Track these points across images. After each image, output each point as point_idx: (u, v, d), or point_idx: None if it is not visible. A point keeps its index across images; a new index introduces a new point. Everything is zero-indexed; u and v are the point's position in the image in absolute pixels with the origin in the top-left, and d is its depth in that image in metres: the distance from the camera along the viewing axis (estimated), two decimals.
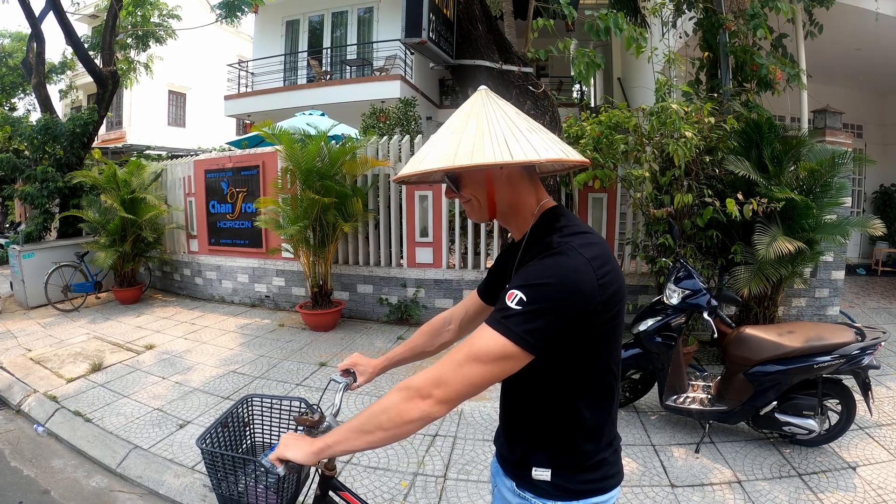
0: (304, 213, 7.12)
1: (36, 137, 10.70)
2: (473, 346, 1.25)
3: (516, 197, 1.50)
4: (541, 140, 1.35)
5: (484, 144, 1.31)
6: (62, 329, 7.92)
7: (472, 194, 1.50)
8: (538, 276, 1.26)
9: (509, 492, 1.56)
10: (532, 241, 1.47)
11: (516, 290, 1.24)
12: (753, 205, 4.81)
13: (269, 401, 2.16)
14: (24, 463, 4.32)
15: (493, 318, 1.26)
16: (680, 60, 6.34)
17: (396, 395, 1.28)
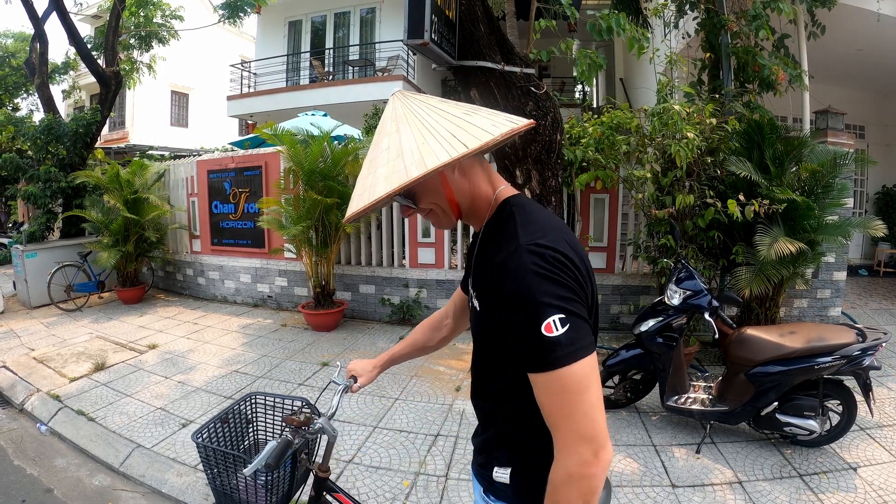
0: (306, 214, 7.14)
1: (39, 137, 10.73)
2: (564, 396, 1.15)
3: (473, 188, 1.42)
4: (485, 119, 1.28)
5: (431, 146, 1.22)
6: (65, 328, 7.94)
7: (433, 203, 1.40)
8: (532, 293, 1.16)
9: (478, 495, 1.55)
10: (488, 236, 1.40)
11: (551, 319, 1.14)
12: (755, 206, 4.82)
13: (272, 399, 2.18)
14: (27, 462, 4.34)
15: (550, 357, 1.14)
16: (682, 61, 6.34)
17: (574, 488, 1.16)
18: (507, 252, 1.23)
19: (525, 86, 4.72)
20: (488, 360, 1.44)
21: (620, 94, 14.56)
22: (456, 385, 5.50)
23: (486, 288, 1.35)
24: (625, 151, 5.63)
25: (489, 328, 1.38)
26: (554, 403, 1.17)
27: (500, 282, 1.23)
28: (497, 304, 1.26)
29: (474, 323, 1.49)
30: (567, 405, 1.15)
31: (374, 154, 1.32)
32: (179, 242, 10.54)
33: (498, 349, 1.36)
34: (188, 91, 27.16)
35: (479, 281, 1.42)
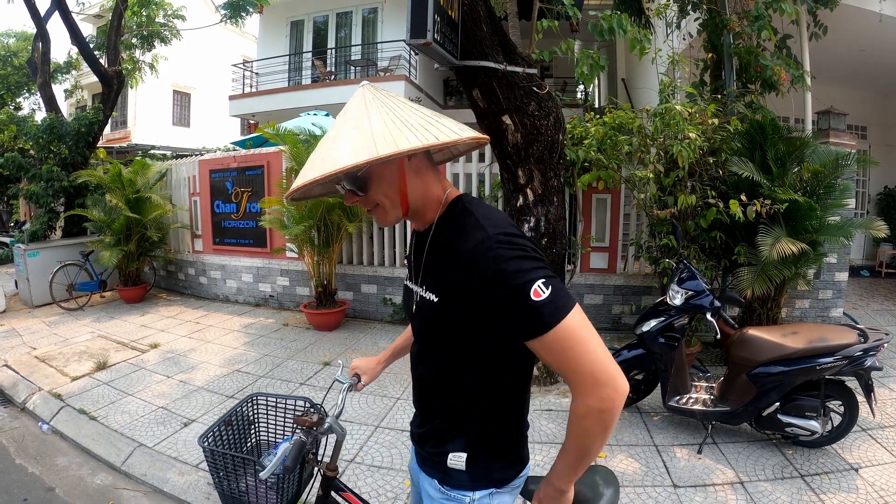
0: (308, 213, 7.15)
1: (41, 137, 10.75)
2: (571, 344, 1.26)
3: (426, 188, 1.47)
4: (451, 123, 1.37)
5: (402, 132, 1.27)
6: (67, 328, 7.96)
7: (383, 195, 1.43)
8: (519, 262, 1.27)
9: (434, 489, 1.59)
10: (443, 233, 1.46)
11: (535, 285, 1.24)
12: (757, 206, 4.81)
13: (273, 400, 2.18)
14: (28, 460, 4.35)
15: (546, 320, 1.24)
16: (684, 62, 6.34)
17: (587, 423, 1.29)
18: (477, 242, 1.30)
19: (527, 86, 4.72)
20: (457, 357, 1.46)
21: (622, 94, 14.55)
22: None
23: (451, 282, 1.38)
24: (627, 152, 5.62)
25: (457, 323, 1.40)
26: (563, 359, 1.27)
27: (475, 271, 1.29)
28: (471, 293, 1.31)
29: (429, 318, 1.49)
30: (574, 357, 1.26)
31: (338, 130, 1.34)
32: (181, 242, 10.55)
33: (471, 344, 1.42)
34: (190, 91, 27.19)
35: (437, 276, 1.45)
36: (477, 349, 1.42)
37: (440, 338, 1.49)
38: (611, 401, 1.25)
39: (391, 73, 14.60)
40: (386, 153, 1.21)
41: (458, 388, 1.50)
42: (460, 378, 1.48)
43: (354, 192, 1.42)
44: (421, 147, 1.24)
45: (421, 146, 1.24)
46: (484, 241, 1.29)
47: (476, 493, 1.52)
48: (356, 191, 1.41)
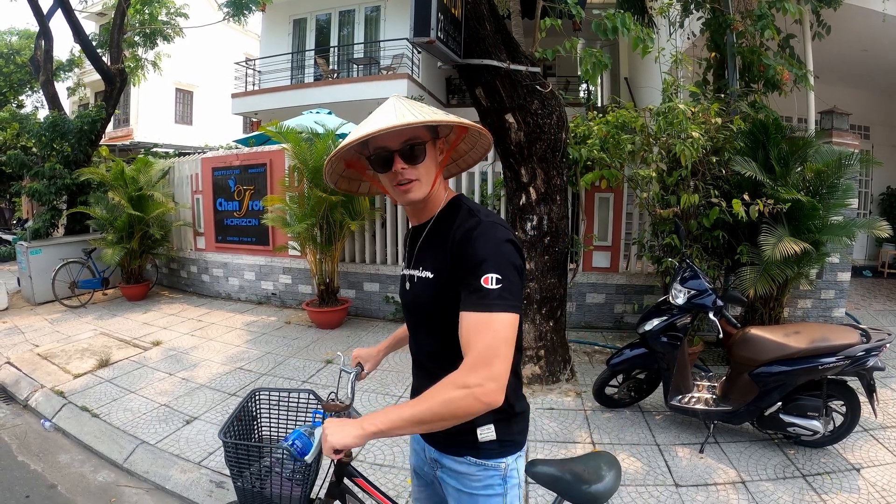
0: (311, 211, 7.16)
1: (44, 134, 10.77)
2: (499, 331, 1.37)
3: (438, 184, 1.65)
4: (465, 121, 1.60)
5: (450, 117, 1.49)
6: (69, 325, 7.97)
7: (426, 171, 1.59)
8: (490, 250, 1.43)
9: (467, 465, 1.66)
10: (441, 224, 1.64)
11: (490, 275, 1.39)
12: (760, 206, 4.80)
13: (276, 394, 2.19)
14: (31, 457, 4.36)
15: (485, 302, 1.38)
16: (687, 61, 6.33)
17: (456, 393, 1.34)
18: (472, 224, 1.50)
19: (530, 84, 4.72)
20: (451, 327, 1.53)
21: (625, 93, 14.54)
22: None
23: (443, 259, 1.55)
24: (630, 151, 5.61)
25: (450, 294, 1.52)
26: (475, 338, 1.38)
27: (464, 240, 1.48)
28: (455, 258, 1.49)
29: (425, 294, 1.63)
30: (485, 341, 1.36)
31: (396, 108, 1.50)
32: (184, 240, 10.56)
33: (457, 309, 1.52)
34: (193, 89, 27.21)
35: (432, 257, 1.62)
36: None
37: (438, 312, 1.58)
38: (487, 395, 1.33)
39: (394, 71, 14.60)
40: (469, 123, 1.55)
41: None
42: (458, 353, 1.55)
43: (415, 157, 1.55)
44: (470, 125, 1.58)
45: (471, 124, 1.57)
46: (480, 223, 1.49)
47: (508, 457, 1.65)
48: (417, 156, 1.55)
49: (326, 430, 1.50)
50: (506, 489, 1.66)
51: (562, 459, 1.91)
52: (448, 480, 1.72)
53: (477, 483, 1.65)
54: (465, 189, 7.64)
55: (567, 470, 1.83)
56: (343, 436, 1.45)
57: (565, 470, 1.83)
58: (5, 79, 20.21)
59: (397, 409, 1.41)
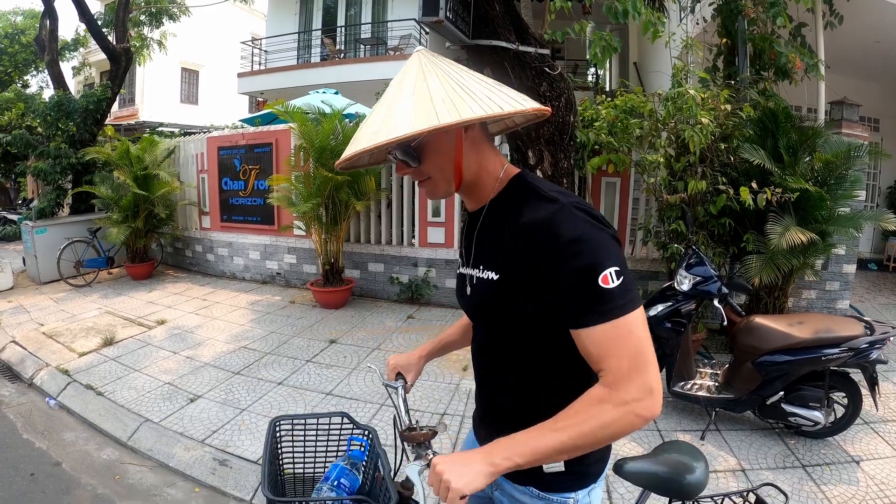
0: (316, 191, 7.16)
1: (49, 114, 10.75)
2: (639, 334, 1.17)
3: (482, 162, 1.38)
4: (514, 92, 1.26)
5: (464, 99, 1.17)
6: (74, 304, 8.00)
7: (436, 167, 1.33)
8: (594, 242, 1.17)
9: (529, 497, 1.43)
10: (501, 210, 1.37)
11: (608, 271, 1.15)
12: (767, 194, 4.77)
13: (301, 421, 1.78)
14: (35, 435, 4.39)
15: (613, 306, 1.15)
16: (698, 46, 6.26)
17: (614, 413, 1.13)
18: (553, 211, 1.22)
19: (539, 66, 4.68)
20: (530, 340, 1.35)
21: (634, 78, 14.42)
22: (463, 365, 5.51)
23: (513, 256, 1.28)
24: (638, 136, 5.58)
25: (522, 301, 1.28)
26: (615, 348, 1.16)
27: (547, 240, 1.19)
28: (538, 264, 1.22)
29: (490, 300, 1.36)
30: (644, 348, 1.17)
31: (392, 97, 1.25)
32: (189, 219, 10.58)
33: (542, 324, 1.30)
34: (198, 68, 27.13)
35: (496, 253, 1.35)
36: (548, 329, 1.29)
37: (507, 320, 1.35)
38: (647, 409, 1.14)
39: (401, 52, 14.53)
40: (447, 122, 1.12)
41: (540, 379, 1.39)
42: (538, 367, 1.37)
43: (407, 162, 1.33)
44: (484, 117, 1.15)
45: (484, 115, 1.14)
46: (562, 209, 1.21)
47: (579, 492, 1.42)
48: (409, 162, 1.33)
49: (443, 471, 1.17)
50: None
51: (648, 454, 1.82)
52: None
53: None
54: None
55: (661, 463, 1.74)
56: (471, 477, 1.15)
57: (659, 463, 1.73)
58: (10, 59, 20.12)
59: (535, 436, 1.18)
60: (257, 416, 4.48)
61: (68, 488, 3.69)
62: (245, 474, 3.74)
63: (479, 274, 1.40)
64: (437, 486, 1.18)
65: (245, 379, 5.21)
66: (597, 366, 1.20)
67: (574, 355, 1.29)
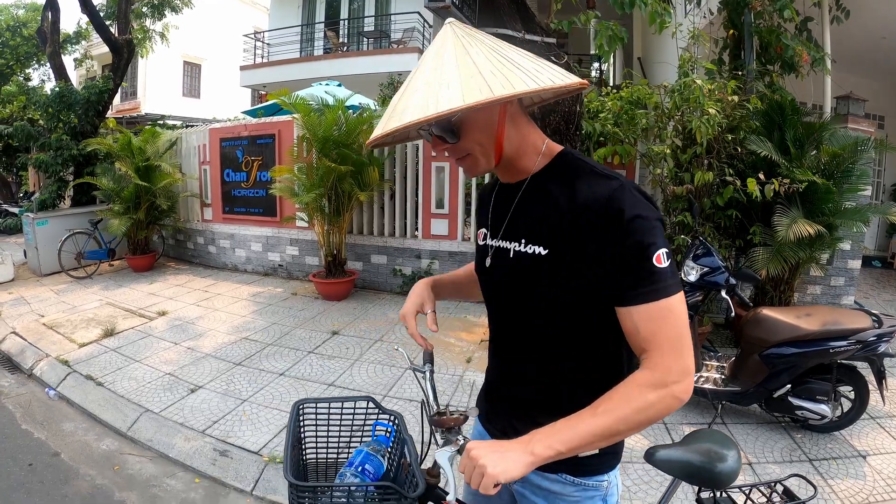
0: (319, 182, 7.13)
1: (51, 106, 10.74)
2: (681, 316, 1.17)
3: (523, 135, 1.32)
4: (552, 66, 1.21)
5: (512, 72, 1.12)
6: (75, 295, 7.98)
7: (476, 143, 1.26)
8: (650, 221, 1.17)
9: (562, 484, 1.40)
10: (549, 185, 1.31)
11: (661, 251, 1.16)
12: (775, 185, 4.75)
13: (325, 406, 1.72)
14: (34, 426, 4.37)
15: (664, 286, 1.16)
16: (704, 37, 6.23)
17: (654, 395, 1.13)
18: (613, 188, 1.19)
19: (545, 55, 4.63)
20: (549, 331, 1.32)
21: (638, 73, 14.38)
22: (467, 357, 5.49)
23: (565, 231, 1.23)
24: (643, 127, 5.55)
25: (569, 277, 1.24)
26: (660, 329, 1.16)
27: (609, 212, 1.17)
28: (592, 240, 1.19)
29: (531, 274, 1.30)
30: (671, 330, 1.16)
31: (431, 68, 1.17)
32: (191, 211, 10.54)
33: (585, 302, 1.26)
34: (200, 62, 27.13)
35: (538, 225, 1.30)
36: (591, 307, 1.26)
37: (556, 299, 1.28)
38: (685, 392, 1.14)
39: (404, 45, 14.50)
40: (502, 94, 1.07)
41: (562, 373, 1.36)
42: (560, 360, 1.34)
43: (444, 139, 1.26)
44: (537, 90, 1.11)
45: (537, 88, 1.11)
46: (622, 187, 1.19)
47: (610, 473, 1.41)
48: (446, 138, 1.26)
49: (479, 456, 1.14)
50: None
51: (679, 442, 1.79)
52: (533, 499, 1.45)
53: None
54: None
55: (693, 451, 1.71)
56: (508, 465, 1.12)
57: (692, 451, 1.71)
58: (12, 52, 20.12)
59: (575, 422, 1.16)
60: (258, 407, 4.46)
61: (67, 478, 3.66)
62: (246, 465, 3.71)
63: (518, 248, 1.34)
64: (471, 472, 1.15)
65: (246, 370, 5.18)
66: (641, 346, 1.19)
67: (598, 349, 1.31)
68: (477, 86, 1.08)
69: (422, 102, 1.12)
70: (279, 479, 3.56)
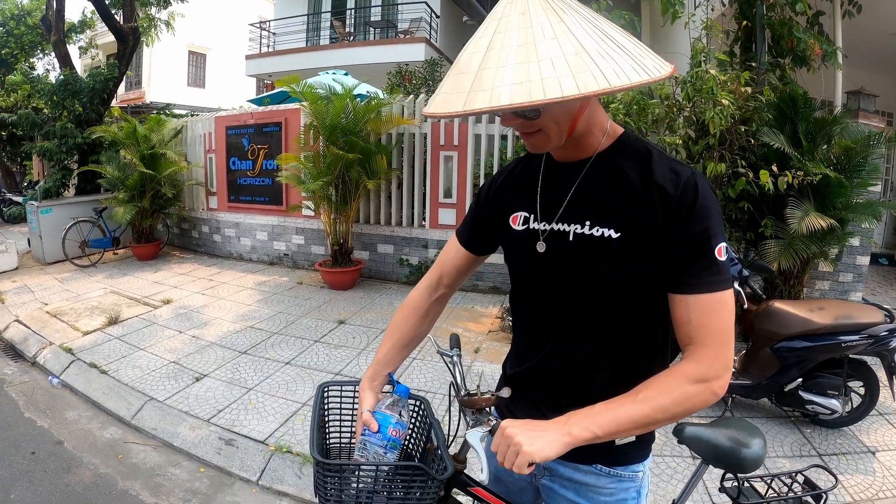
0: (326, 170, 7.10)
1: (55, 94, 10.75)
2: (732, 311, 1.17)
3: (593, 115, 1.24)
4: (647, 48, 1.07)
5: (621, 56, 0.98)
6: (79, 284, 7.98)
7: (554, 120, 1.15)
8: (716, 214, 1.16)
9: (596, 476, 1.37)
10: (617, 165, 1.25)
11: (722, 244, 1.15)
12: (788, 177, 4.72)
13: (350, 388, 1.68)
14: (37, 414, 4.36)
15: (723, 278, 1.15)
16: (717, 27, 6.17)
17: (694, 388, 1.12)
18: (689, 175, 1.16)
19: None
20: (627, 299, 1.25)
21: None
22: (475, 347, 5.48)
23: (633, 207, 1.19)
24: (654, 119, 5.50)
25: (638, 262, 1.20)
26: (711, 321, 1.14)
27: (683, 198, 1.14)
28: (666, 225, 1.16)
29: (597, 257, 1.24)
30: (720, 324, 1.15)
31: (520, 31, 0.99)
32: (196, 199, 10.53)
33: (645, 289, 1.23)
34: (206, 51, 27.13)
35: (606, 206, 1.24)
36: (649, 289, 1.23)
37: (611, 276, 1.23)
38: (722, 387, 1.14)
39: (411, 35, 14.44)
40: (617, 85, 0.94)
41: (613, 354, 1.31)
42: (614, 341, 1.30)
43: (523, 115, 1.14)
44: (648, 81, 0.97)
45: (648, 80, 0.97)
46: (695, 175, 1.16)
47: (645, 462, 1.39)
48: (527, 114, 1.13)
49: (515, 434, 1.13)
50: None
51: (709, 424, 1.81)
52: (562, 492, 1.42)
53: (608, 498, 1.37)
54: (484, 152, 7.57)
55: (722, 434, 1.73)
56: (544, 443, 1.10)
57: (720, 433, 1.73)
58: (16, 41, 20.02)
59: (614, 407, 1.14)
60: (264, 396, 4.44)
61: (70, 467, 3.65)
62: (251, 454, 3.70)
63: (581, 230, 1.26)
64: (505, 451, 1.13)
65: (252, 358, 5.16)
66: (690, 335, 1.17)
67: (647, 334, 1.31)
68: (589, 70, 0.94)
69: (521, 80, 0.95)
70: (285, 468, 3.55)
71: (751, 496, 2.04)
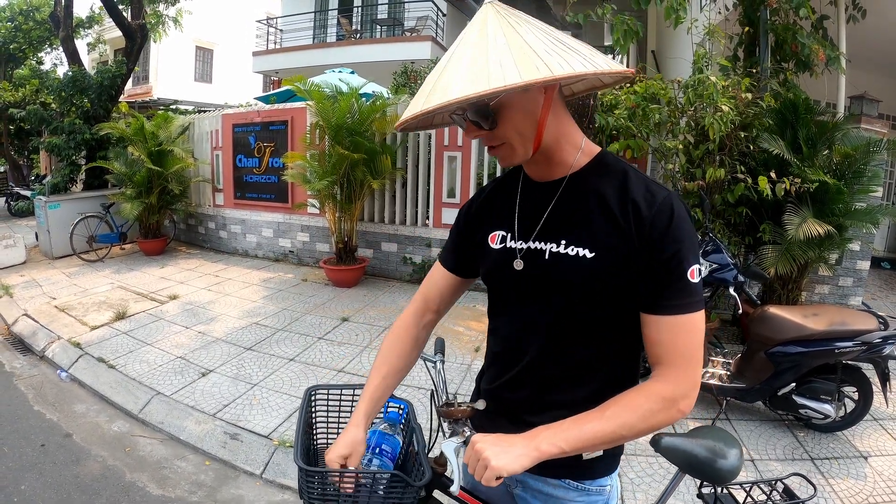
0: (332, 169, 7.16)
1: (64, 90, 10.79)
2: (701, 332, 1.19)
3: (562, 128, 1.25)
4: (600, 53, 1.14)
5: (567, 52, 1.05)
6: (87, 279, 8.05)
7: (515, 130, 1.18)
8: (690, 235, 1.18)
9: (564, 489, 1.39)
10: (592, 185, 1.26)
11: (695, 266, 1.17)
12: (786, 184, 4.74)
13: (337, 392, 1.70)
14: (46, 407, 4.43)
15: (694, 300, 1.17)
16: (720, 33, 6.20)
17: (658, 405, 1.16)
18: (665, 195, 1.19)
19: None
20: (602, 313, 1.27)
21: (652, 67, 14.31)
22: (475, 346, 5.53)
23: (607, 227, 1.22)
24: (657, 122, 5.55)
25: (612, 282, 1.22)
26: (679, 341, 1.17)
27: (660, 219, 1.16)
28: (642, 245, 1.17)
29: (574, 277, 1.24)
30: (697, 349, 1.18)
31: (474, 43, 1.08)
32: (202, 195, 10.60)
33: (617, 299, 1.24)
34: (213, 47, 27.08)
35: (581, 226, 1.25)
36: (623, 310, 1.25)
37: (585, 302, 1.25)
38: (688, 406, 1.17)
39: (418, 33, 14.47)
40: (562, 74, 0.99)
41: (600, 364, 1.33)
42: (600, 348, 1.32)
43: (479, 124, 1.18)
44: (596, 72, 1.05)
45: (595, 71, 1.04)
46: (673, 196, 1.18)
47: (612, 476, 1.41)
48: (482, 124, 1.17)
49: (483, 449, 1.15)
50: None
51: (685, 434, 1.82)
52: (533, 503, 1.45)
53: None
54: (485, 153, 7.59)
55: (698, 444, 1.73)
56: (511, 458, 1.13)
57: (696, 444, 1.73)
58: (24, 36, 20.09)
59: (580, 423, 1.17)
60: (269, 392, 4.51)
61: (78, 459, 3.71)
62: (256, 449, 3.77)
63: (557, 249, 1.28)
64: (475, 465, 1.16)
65: (257, 354, 5.24)
66: (658, 354, 1.20)
67: (621, 349, 1.33)
68: (534, 64, 1.00)
69: (470, 78, 1.02)
70: (289, 462, 3.62)
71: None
